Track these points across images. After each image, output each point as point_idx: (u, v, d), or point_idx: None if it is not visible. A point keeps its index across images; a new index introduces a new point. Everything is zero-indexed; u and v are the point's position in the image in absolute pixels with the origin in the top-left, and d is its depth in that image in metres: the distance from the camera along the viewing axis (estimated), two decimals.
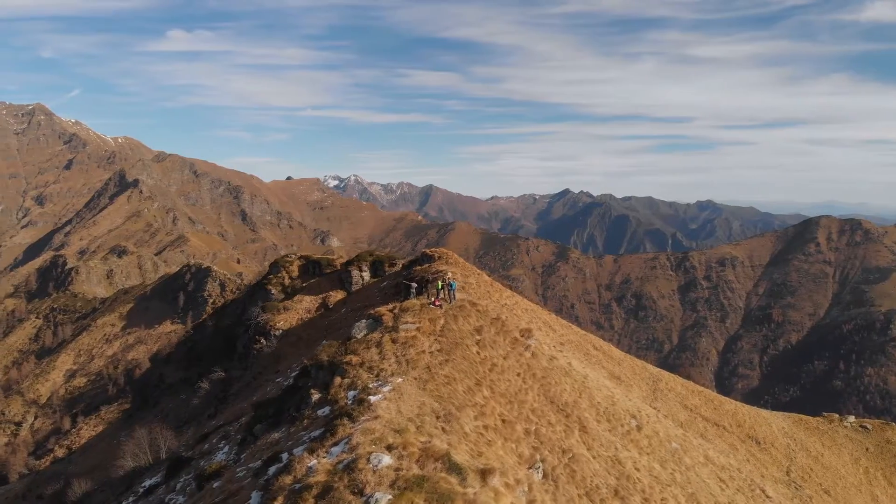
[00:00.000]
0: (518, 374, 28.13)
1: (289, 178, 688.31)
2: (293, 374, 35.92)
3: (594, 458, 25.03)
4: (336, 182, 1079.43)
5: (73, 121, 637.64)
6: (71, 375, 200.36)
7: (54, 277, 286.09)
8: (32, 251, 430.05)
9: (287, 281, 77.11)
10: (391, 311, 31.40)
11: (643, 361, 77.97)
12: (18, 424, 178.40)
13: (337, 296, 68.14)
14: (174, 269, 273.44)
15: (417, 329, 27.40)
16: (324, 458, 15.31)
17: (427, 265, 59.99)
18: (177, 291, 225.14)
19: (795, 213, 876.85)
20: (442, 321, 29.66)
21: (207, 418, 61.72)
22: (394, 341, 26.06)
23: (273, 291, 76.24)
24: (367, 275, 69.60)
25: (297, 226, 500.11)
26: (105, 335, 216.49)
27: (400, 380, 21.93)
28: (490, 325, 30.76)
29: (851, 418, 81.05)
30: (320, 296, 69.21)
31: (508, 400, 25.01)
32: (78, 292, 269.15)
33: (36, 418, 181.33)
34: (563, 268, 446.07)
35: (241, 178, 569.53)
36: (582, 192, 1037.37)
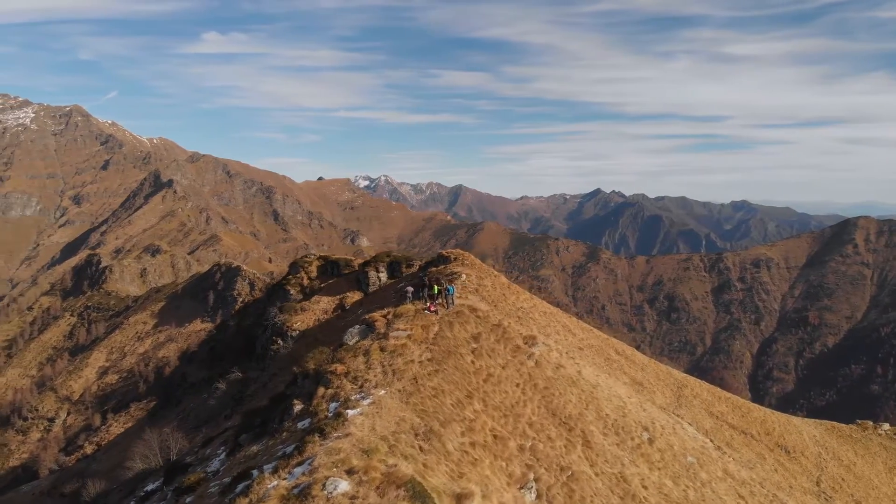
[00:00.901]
0: (517, 385, 26.67)
1: (320, 178, 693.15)
2: (283, 381, 34.98)
3: (597, 475, 23.51)
4: (367, 182, 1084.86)
5: (109, 122, 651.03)
6: (103, 372, 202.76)
7: (89, 276, 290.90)
8: (69, 250, 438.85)
9: (306, 281, 76.58)
10: (384, 316, 30.20)
11: (668, 366, 75.60)
12: (51, 420, 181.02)
13: (354, 297, 67.25)
14: (206, 268, 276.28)
15: (408, 337, 26.11)
16: (284, 479, 14.19)
17: (443, 266, 58.66)
18: (207, 290, 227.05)
19: (833, 214, 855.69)
20: (436, 328, 28.32)
21: (224, 419, 61.41)
22: (382, 349, 24.81)
23: (292, 292, 75.79)
24: (384, 276, 68.62)
25: (328, 226, 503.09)
26: (137, 333, 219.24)
27: (382, 392, 20.71)
28: (490, 333, 29.35)
29: (886, 426, 77.63)
30: (337, 297, 68.42)
31: (503, 413, 23.60)
32: (111, 290, 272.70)
33: (68, 414, 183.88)
34: (593, 268, 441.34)
35: (274, 179, 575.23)
36: (614, 191, 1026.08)
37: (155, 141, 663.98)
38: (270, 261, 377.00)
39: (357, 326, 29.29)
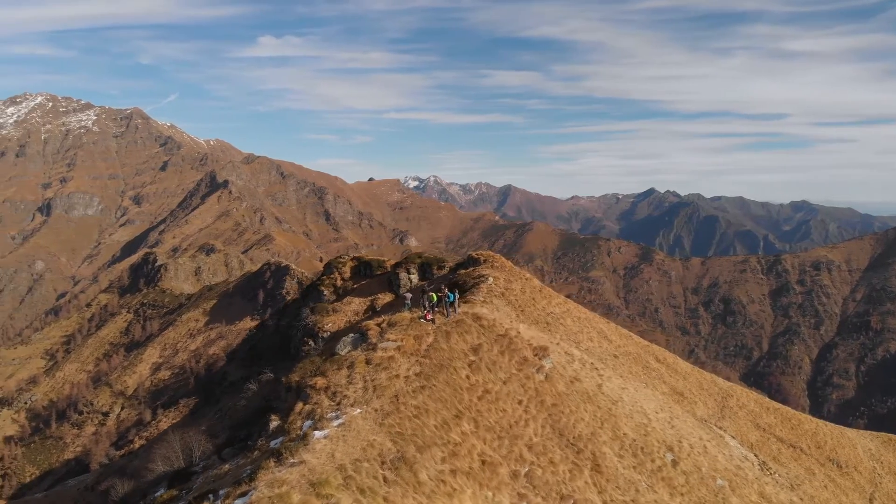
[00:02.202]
0: (519, 402, 24.50)
1: (370, 179, 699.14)
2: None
3: None
4: (416, 183, 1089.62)
5: (168, 124, 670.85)
6: (156, 368, 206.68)
7: (145, 274, 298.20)
8: (129, 248, 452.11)
9: (339, 282, 75.77)
10: (379, 325, 28.42)
11: (713, 375, 71.82)
12: (106, 414, 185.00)
13: (385, 298, 66.01)
14: (257, 267, 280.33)
15: (398, 348, 24.20)
16: None
17: (472, 268, 56.74)
18: (257, 289, 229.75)
19: None
20: (430, 339, 26.37)
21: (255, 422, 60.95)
22: (368, 362, 23.02)
23: (325, 293, 75.10)
24: (415, 277, 67.19)
25: (378, 226, 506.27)
26: (189, 330, 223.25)
27: (358, 411, 19.00)
28: (493, 344, 27.23)
29: None
30: (369, 298, 67.30)
31: (497, 435, 21.53)
32: (166, 288, 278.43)
33: (122, 409, 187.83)
34: (646, 270, 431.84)
35: (326, 180, 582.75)
36: (668, 191, 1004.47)
37: (211, 142, 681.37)
38: (321, 260, 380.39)
39: (351, 335, 27.66)
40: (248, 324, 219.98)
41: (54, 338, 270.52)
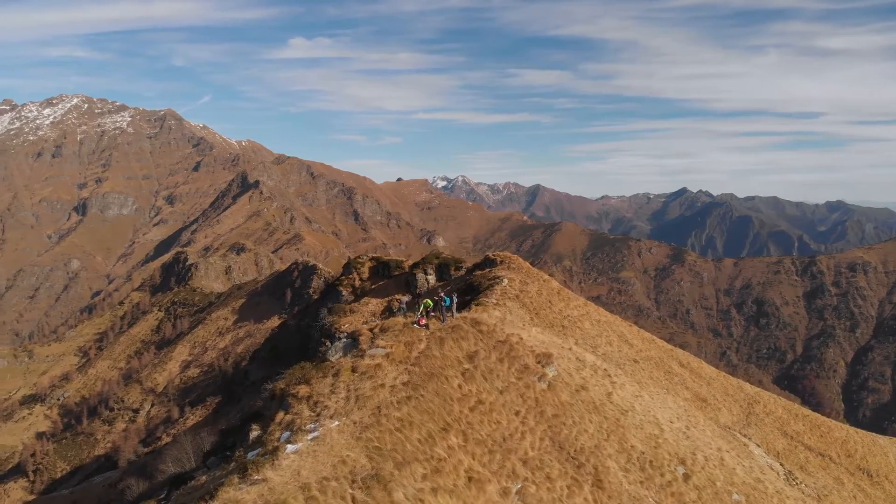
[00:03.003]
0: (516, 413, 23.23)
1: (399, 179, 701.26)
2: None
3: None
4: (444, 183, 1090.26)
5: (200, 125, 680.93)
6: (186, 366, 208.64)
7: (176, 273, 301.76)
8: (163, 247, 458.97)
9: (357, 282, 75.23)
10: (371, 330, 27.42)
11: (739, 380, 69.54)
12: (136, 411, 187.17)
13: (402, 299, 65.06)
14: (287, 266, 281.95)
15: (386, 356, 23.10)
16: None
17: (488, 269, 55.57)
18: (285, 288, 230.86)
19: None
20: (422, 346, 25.20)
21: None
22: (353, 370, 21.97)
23: (344, 293, 74.65)
24: (432, 278, 66.23)
25: (405, 225, 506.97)
26: (218, 328, 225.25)
27: (335, 423, 18.01)
28: (491, 351, 25.97)
29: None
30: (386, 298, 66.56)
31: (489, 449, 20.32)
32: (197, 287, 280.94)
33: (152, 406, 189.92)
34: (678, 271, 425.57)
35: (355, 180, 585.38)
36: (700, 191, 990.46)
37: (243, 143, 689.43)
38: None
39: (343, 340, 26.80)
40: (275, 323, 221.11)
41: (87, 335, 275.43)
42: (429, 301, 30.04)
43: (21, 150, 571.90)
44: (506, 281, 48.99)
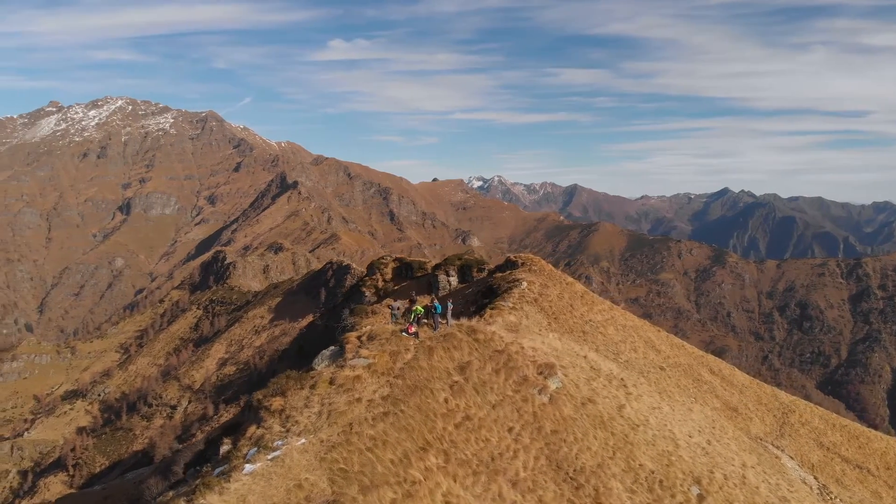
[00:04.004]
0: (509, 430, 21.66)
1: (434, 179, 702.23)
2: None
3: None
4: (480, 183, 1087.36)
5: (241, 127, 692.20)
6: (222, 364, 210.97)
7: (215, 271, 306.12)
8: (204, 246, 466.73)
9: (381, 283, 74.44)
10: (359, 338, 26.20)
11: (774, 388, 66.59)
12: (173, 408, 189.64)
13: (424, 301, 63.97)
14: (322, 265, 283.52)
15: (368, 366, 21.74)
16: None
17: (508, 272, 54.05)
18: (319, 287, 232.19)
19: None
20: (409, 356, 23.77)
21: None
22: (331, 382, 20.69)
23: (367, 294, 73.97)
24: (454, 279, 64.95)
25: (440, 226, 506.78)
26: (254, 326, 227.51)
27: (301, 441, 16.83)
28: (486, 361, 24.43)
29: None
30: (408, 300, 65.31)
31: (473, 470, 18.82)
32: (234, 286, 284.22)
33: (189, 403, 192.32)
34: (719, 273, 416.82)
35: (391, 180, 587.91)
36: (743, 191, 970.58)
37: (282, 144, 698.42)
38: None
39: (330, 348, 25.63)
40: (310, 321, 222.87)
41: (128, 332, 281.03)
42: (419, 307, 28.74)
43: (67, 151, 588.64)
44: (524, 284, 47.42)
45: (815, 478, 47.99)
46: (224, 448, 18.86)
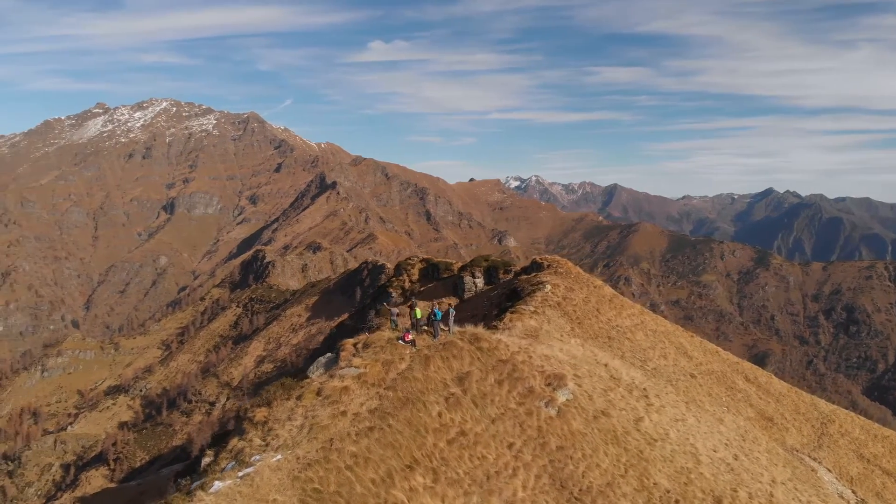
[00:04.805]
0: (509, 446, 20.35)
1: (471, 179, 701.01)
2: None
3: None
4: (517, 183, 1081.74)
5: (282, 128, 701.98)
6: (260, 361, 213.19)
7: (254, 270, 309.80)
8: (245, 245, 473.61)
9: (407, 284, 73.70)
10: (355, 345, 25.19)
11: (813, 397, 63.71)
12: (212, 404, 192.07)
13: (449, 303, 62.95)
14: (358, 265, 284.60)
15: (358, 377, 20.66)
16: None
17: (533, 274, 52.65)
18: (354, 286, 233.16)
19: None
20: (403, 365, 22.55)
21: None
22: (319, 392, 19.70)
23: (393, 295, 73.31)
24: (480, 281, 63.72)
25: (477, 226, 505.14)
26: (292, 325, 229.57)
27: (277, 458, 15.91)
28: (488, 372, 23.13)
29: None
30: (433, 302, 64.46)
31: (465, 490, 17.56)
32: (273, 284, 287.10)
33: (227, 399, 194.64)
34: (763, 275, 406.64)
35: (428, 180, 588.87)
36: (788, 191, 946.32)
37: (322, 145, 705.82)
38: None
39: (326, 355, 24.75)
40: (339, 321, 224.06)
41: (170, 329, 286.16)
42: (418, 312, 27.63)
43: (113, 152, 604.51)
44: (548, 287, 45.98)
45: (854, 491, 45.62)
46: (206, 460, 18.22)
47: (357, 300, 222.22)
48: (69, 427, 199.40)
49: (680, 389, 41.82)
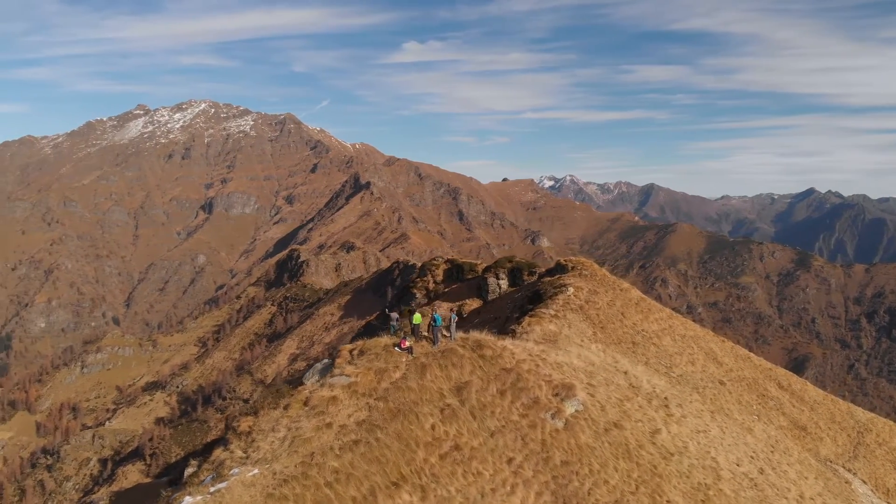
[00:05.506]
0: (508, 461, 19.16)
1: (504, 179, 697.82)
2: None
3: None
4: (551, 183, 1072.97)
5: (317, 129, 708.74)
6: (293, 359, 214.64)
7: (289, 269, 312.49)
8: (282, 245, 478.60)
9: (431, 285, 72.96)
10: (351, 351, 24.28)
11: (850, 404, 61.11)
12: (246, 401, 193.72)
13: (472, 304, 61.96)
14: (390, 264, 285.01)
15: (348, 386, 19.65)
16: None
17: (557, 276, 51.34)
18: (386, 286, 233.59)
19: None
20: (397, 374, 21.46)
21: None
22: (306, 402, 18.86)
23: (417, 295, 72.65)
24: (504, 283, 62.59)
25: (510, 226, 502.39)
26: (325, 323, 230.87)
27: (253, 472, 15.09)
28: (490, 381, 21.96)
29: None
30: (456, 303, 63.49)
31: None
32: (307, 283, 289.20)
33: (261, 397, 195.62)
34: (803, 277, 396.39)
35: (461, 180, 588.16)
36: (829, 191, 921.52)
37: (357, 146, 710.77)
38: None
39: (322, 361, 23.96)
40: (367, 321, 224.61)
41: (207, 327, 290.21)
42: (417, 316, 26.61)
43: (153, 153, 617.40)
44: (571, 290, 44.66)
45: None
46: (189, 470, 17.67)
47: (388, 299, 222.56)
48: (107, 422, 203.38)
49: (707, 397, 40.24)
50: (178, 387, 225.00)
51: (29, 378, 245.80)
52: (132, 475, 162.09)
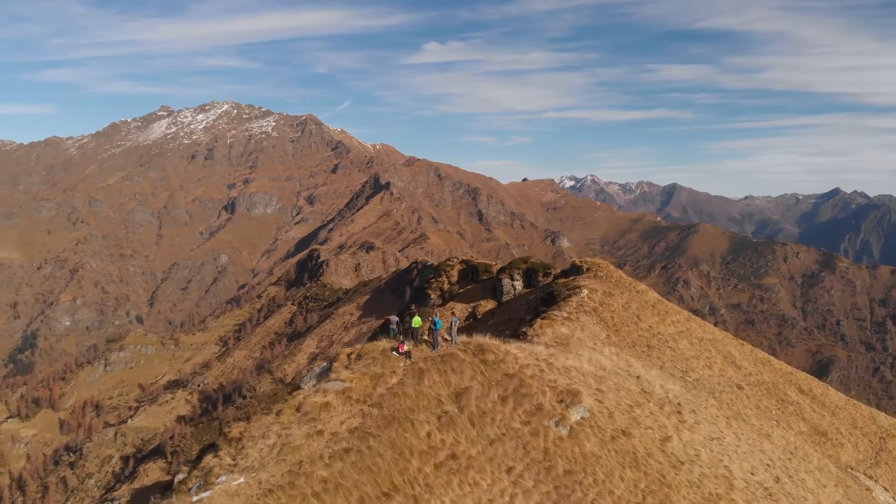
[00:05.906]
0: (508, 471, 18.53)
1: (524, 179, 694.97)
2: None
3: None
4: (572, 182, 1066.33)
5: (338, 130, 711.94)
6: (312, 358, 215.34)
7: (309, 269, 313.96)
8: (303, 244, 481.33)
9: (446, 286, 72.45)
10: (349, 355, 23.81)
11: (873, 410, 59.51)
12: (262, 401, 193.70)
13: (487, 305, 61.37)
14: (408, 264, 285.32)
15: (342, 391, 19.12)
16: None
17: (572, 277, 50.56)
18: (404, 286, 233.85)
19: None
20: (395, 379, 20.93)
21: None
22: (298, 409, 18.36)
23: (432, 296, 72.21)
24: (519, 284, 61.88)
25: (529, 226, 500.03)
26: (344, 323, 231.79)
27: (239, 481, 14.68)
28: (491, 387, 21.31)
29: None
30: (471, 304, 62.96)
31: None
32: (327, 283, 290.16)
33: None
34: (828, 278, 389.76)
35: (480, 180, 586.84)
36: (855, 191, 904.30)
37: (377, 147, 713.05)
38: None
39: (322, 365, 23.56)
40: (382, 322, 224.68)
41: (228, 326, 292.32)
42: (416, 320, 26.09)
43: (177, 153, 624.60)
44: (585, 292, 43.89)
45: None
46: (179, 476, 17.40)
47: (406, 299, 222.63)
48: (129, 420, 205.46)
49: (723, 402, 39.29)
50: (199, 385, 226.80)
51: (53, 376, 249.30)
52: (153, 473, 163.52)
